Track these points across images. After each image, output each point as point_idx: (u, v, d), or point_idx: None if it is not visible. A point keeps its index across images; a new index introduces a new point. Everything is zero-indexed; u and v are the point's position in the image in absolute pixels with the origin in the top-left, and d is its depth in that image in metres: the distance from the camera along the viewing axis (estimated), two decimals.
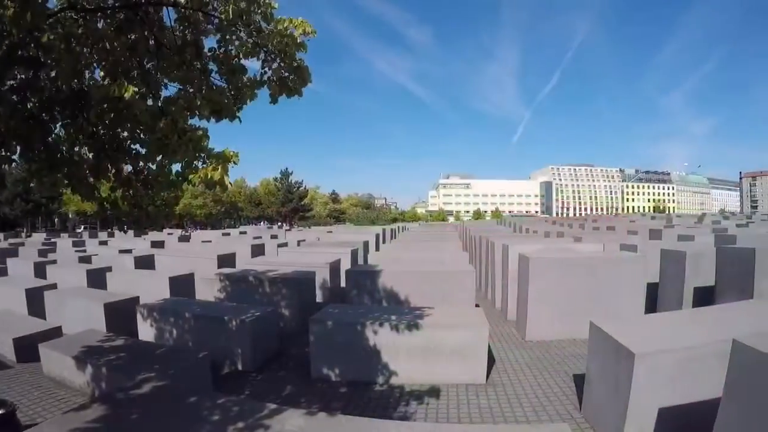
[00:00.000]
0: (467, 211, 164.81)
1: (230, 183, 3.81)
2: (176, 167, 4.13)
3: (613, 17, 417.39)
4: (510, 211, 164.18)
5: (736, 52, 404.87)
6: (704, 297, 8.94)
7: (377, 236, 21.87)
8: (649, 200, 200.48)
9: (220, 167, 3.67)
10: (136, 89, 3.64)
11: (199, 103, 3.97)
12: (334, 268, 12.17)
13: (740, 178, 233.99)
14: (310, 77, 4.39)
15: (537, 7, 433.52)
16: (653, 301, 9.99)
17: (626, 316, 7.96)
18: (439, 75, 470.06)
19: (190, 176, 3.90)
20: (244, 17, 3.88)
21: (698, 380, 4.49)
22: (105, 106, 3.77)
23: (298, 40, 4.07)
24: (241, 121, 4.32)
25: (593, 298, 8.74)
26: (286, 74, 4.26)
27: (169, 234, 34.57)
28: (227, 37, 4.08)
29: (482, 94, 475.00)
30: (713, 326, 5.14)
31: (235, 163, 3.79)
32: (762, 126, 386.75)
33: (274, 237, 25.03)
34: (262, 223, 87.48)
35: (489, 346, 7.51)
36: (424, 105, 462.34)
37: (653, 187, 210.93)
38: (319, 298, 11.15)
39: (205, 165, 3.80)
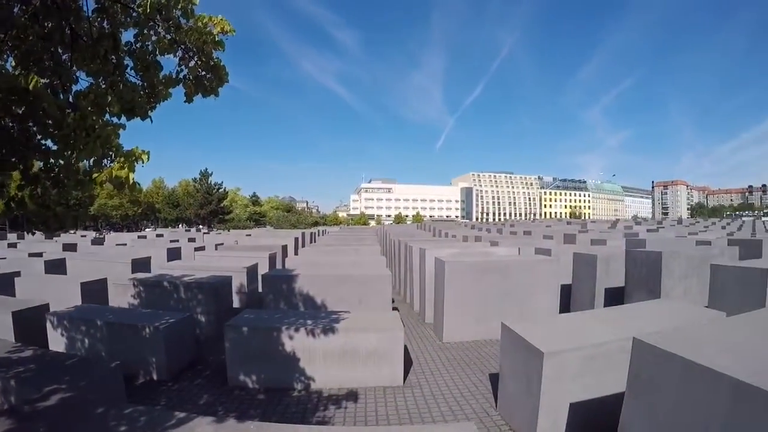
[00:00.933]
0: (388, 216, 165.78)
1: (137, 183, 3.72)
2: (87, 165, 4.00)
3: (538, 34, 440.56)
4: (431, 216, 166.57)
5: (650, 71, 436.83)
6: (615, 297, 9.41)
7: (296, 240, 21.80)
8: (566, 206, 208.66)
9: (126, 166, 3.58)
10: (46, 80, 3.52)
11: (109, 99, 3.86)
12: (252, 272, 12.06)
13: (652, 187, 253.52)
14: (227, 77, 4.36)
15: (465, 19, 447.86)
16: (568, 301, 10.42)
17: (541, 316, 8.30)
18: (366, 80, 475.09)
19: (95, 175, 3.77)
20: (164, 12, 3.82)
21: (606, 376, 4.83)
22: (13, 97, 3.62)
23: (217, 39, 4.04)
24: (152, 121, 4.23)
25: (508, 300, 9.18)
26: (203, 73, 4.22)
27: (82, 236, 32.80)
28: (145, 31, 3.98)
29: (408, 101, 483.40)
30: (620, 325, 5.52)
31: (143, 161, 3.70)
32: (672, 140, 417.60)
33: (191, 240, 24.44)
34: (180, 225, 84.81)
35: (407, 349, 7.66)
36: (350, 109, 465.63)
37: (570, 194, 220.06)
38: (236, 304, 11.05)
39: (113, 163, 3.70)
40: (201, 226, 74.26)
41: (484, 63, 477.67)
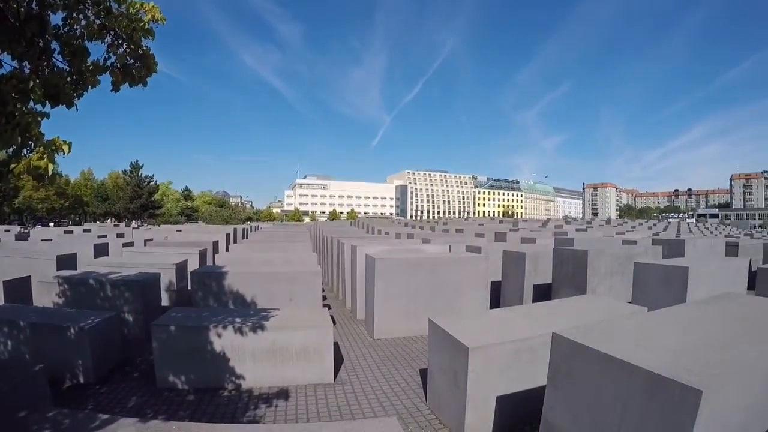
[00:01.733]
0: (323, 212, 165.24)
1: (61, 174, 3.62)
2: (6, 155, 3.86)
3: (478, 37, 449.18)
4: (366, 213, 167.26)
5: (585, 78, 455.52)
6: (543, 293, 9.74)
7: (228, 236, 21.51)
8: (499, 206, 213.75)
9: (45, 156, 3.48)
10: None
11: (31, 84, 3.74)
12: (181, 269, 11.83)
13: (583, 189, 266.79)
14: (156, 66, 4.28)
15: (408, 19, 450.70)
16: (498, 297, 10.72)
17: (469, 312, 8.46)
18: (305, 74, 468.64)
19: (13, 165, 3.65)
20: None
21: (531, 369, 5.05)
22: None
23: (147, 26, 3.96)
24: (78, 110, 4.12)
25: (438, 296, 9.44)
26: (131, 61, 4.13)
27: (6, 231, 31.23)
28: (74, 15, 3.86)
29: (346, 98, 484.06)
30: (546, 320, 5.80)
31: (64, 152, 3.60)
32: (603, 145, 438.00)
33: (120, 236, 23.59)
34: (109, 219, 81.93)
35: (338, 346, 7.74)
36: (287, 103, 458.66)
37: (503, 194, 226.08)
38: (165, 302, 10.79)
39: (32, 153, 3.59)
40: (133, 222, 72.06)
41: (425, 63, 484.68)
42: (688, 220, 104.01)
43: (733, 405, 3.05)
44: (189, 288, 11.36)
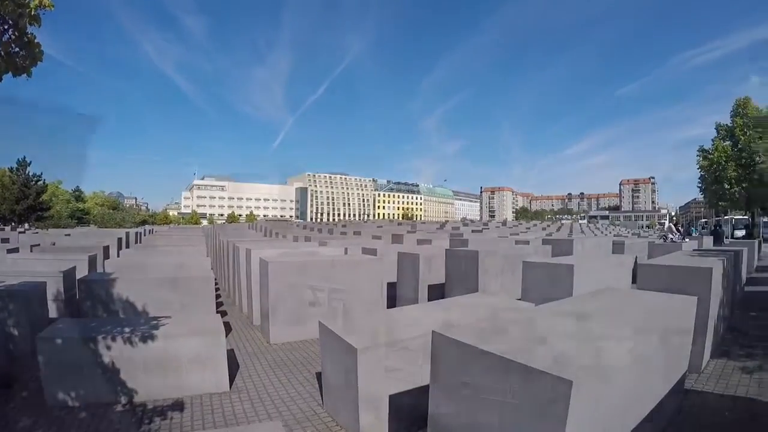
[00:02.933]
0: (222, 214, 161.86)
1: None
2: None
3: (383, 41, 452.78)
4: (265, 216, 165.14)
5: (484, 86, 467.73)
6: (437, 292, 10.04)
7: (119, 240, 20.67)
8: (398, 208, 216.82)
9: None
10: None
11: None
12: (69, 276, 11.25)
13: (480, 192, 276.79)
14: (42, 55, 4.09)
15: (315, 21, 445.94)
16: (394, 297, 10.92)
17: (363, 313, 8.62)
18: (207, 70, 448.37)
19: None
20: None
21: (422, 367, 5.15)
22: None
23: (33, 12, 3.78)
24: None
25: (334, 299, 9.32)
26: (16, 49, 3.93)
27: None
28: None
29: (248, 97, 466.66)
30: (435, 318, 5.97)
31: None
32: (499, 151, 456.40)
33: (4, 241, 22.15)
34: None
35: (234, 353, 7.61)
36: (188, 100, 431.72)
37: (403, 197, 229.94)
38: (53, 313, 10.21)
39: None
40: (16, 225, 67.50)
41: (329, 65, 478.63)
42: (581, 222, 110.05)
43: (606, 394, 3.28)
44: (78, 297, 10.84)
